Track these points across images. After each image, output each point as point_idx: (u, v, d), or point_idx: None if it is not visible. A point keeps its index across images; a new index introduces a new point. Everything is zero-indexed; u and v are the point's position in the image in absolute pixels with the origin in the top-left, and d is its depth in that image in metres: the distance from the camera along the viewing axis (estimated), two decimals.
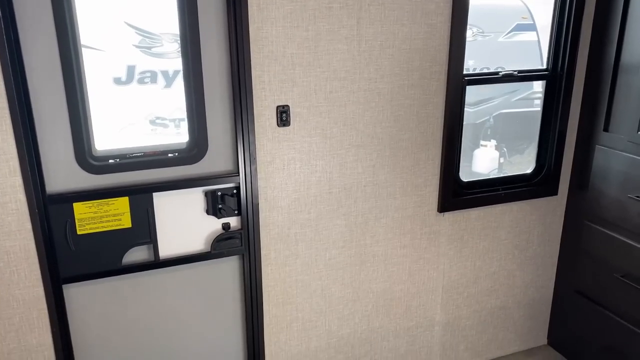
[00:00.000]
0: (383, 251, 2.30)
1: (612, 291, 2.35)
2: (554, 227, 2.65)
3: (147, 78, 2.82)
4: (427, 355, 2.58)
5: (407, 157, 2.21)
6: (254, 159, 1.97)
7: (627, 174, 2.21)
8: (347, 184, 2.15)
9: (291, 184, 2.06)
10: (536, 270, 2.69)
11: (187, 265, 2.02)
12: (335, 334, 2.34)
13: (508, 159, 5.21)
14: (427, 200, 2.31)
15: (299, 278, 2.19)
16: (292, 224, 2.11)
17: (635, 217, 2.19)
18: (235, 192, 2.01)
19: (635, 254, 2.21)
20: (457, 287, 2.53)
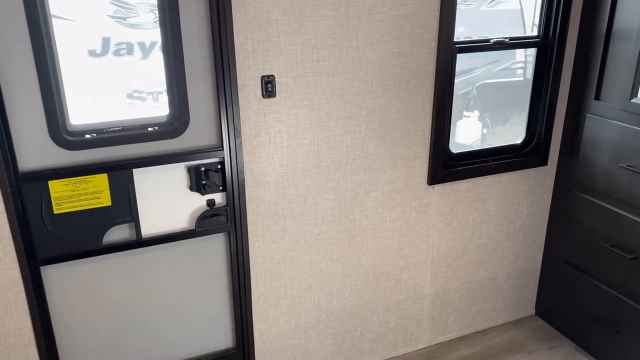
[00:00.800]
0: (372, 225, 2.26)
1: (601, 261, 2.35)
2: (543, 198, 2.63)
3: (123, 50, 2.70)
4: (416, 328, 2.57)
5: (397, 129, 2.15)
6: (239, 132, 1.89)
7: (618, 143, 2.18)
8: (336, 157, 2.08)
9: (278, 158, 1.99)
10: (525, 241, 2.68)
11: (171, 243, 1.95)
12: (324, 310, 2.31)
13: (491, 129, 5.19)
14: (417, 173, 2.26)
15: (287, 254, 2.14)
16: (280, 199, 2.05)
17: (625, 187, 2.17)
18: (219, 168, 1.93)
19: (625, 223, 2.19)
20: (447, 259, 2.51)
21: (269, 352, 2.26)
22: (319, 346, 2.36)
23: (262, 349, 2.24)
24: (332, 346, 2.39)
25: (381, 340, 2.50)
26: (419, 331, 2.58)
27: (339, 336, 2.39)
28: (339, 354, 2.42)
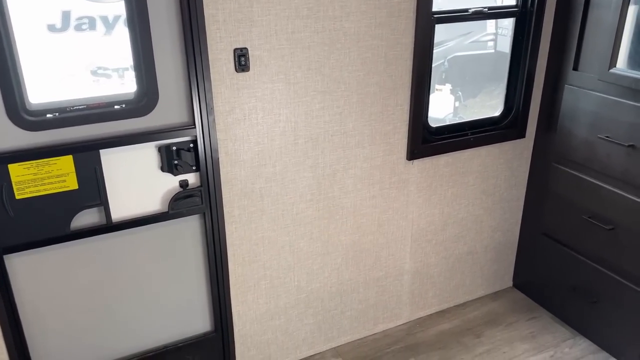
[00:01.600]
0: (352, 203, 2.21)
1: (579, 232, 2.36)
2: (521, 171, 2.62)
3: (84, 25, 2.55)
4: (396, 304, 2.55)
5: (376, 103, 2.08)
6: (211, 108, 1.80)
7: (597, 113, 2.16)
8: (314, 133, 2.01)
9: (253, 135, 1.91)
10: (503, 214, 2.68)
11: (143, 227, 1.86)
12: (304, 289, 2.26)
13: (463, 102, 5.18)
14: (396, 148, 2.21)
15: (265, 235, 2.08)
16: (256, 178, 1.97)
17: (604, 158, 2.16)
18: (192, 147, 1.84)
19: (603, 195, 2.20)
20: (426, 234, 2.49)
21: (249, 334, 2.21)
22: (299, 326, 2.32)
23: (242, 331, 2.19)
24: (313, 325, 2.36)
25: (362, 317, 2.48)
26: (399, 307, 2.57)
27: (320, 315, 2.35)
28: (319, 333, 2.39)
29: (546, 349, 2.42)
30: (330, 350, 2.43)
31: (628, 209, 2.10)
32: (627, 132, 2.04)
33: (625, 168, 2.08)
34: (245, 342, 2.22)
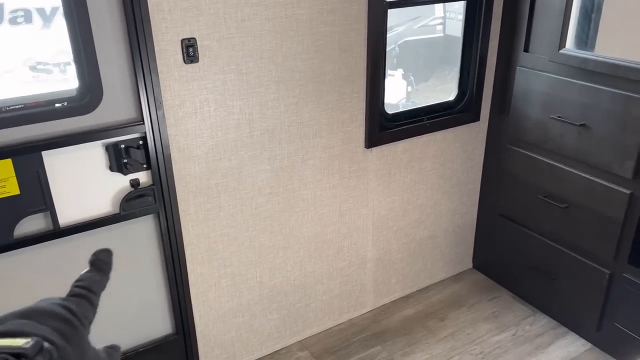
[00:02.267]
0: (312, 194, 2.17)
1: (535, 212, 2.40)
2: (477, 154, 2.65)
3: (20, 18, 2.40)
4: (360, 293, 2.54)
5: (332, 92, 2.04)
6: (160, 103, 1.71)
7: (548, 94, 2.19)
8: (270, 125, 1.95)
9: (206, 129, 1.83)
10: (461, 197, 2.70)
11: (94, 230, 1.76)
12: (267, 285, 2.22)
13: (415, 87, 5.21)
14: (354, 137, 2.18)
15: (224, 232, 2.01)
16: (212, 174, 1.90)
17: (556, 138, 2.20)
18: (141, 144, 1.75)
19: (557, 174, 2.24)
20: (387, 221, 2.48)
21: (212, 334, 2.15)
22: (264, 322, 2.27)
23: (204, 331, 2.13)
24: (278, 320, 2.32)
25: (326, 308, 2.46)
26: (363, 295, 2.56)
27: (284, 309, 2.31)
28: (285, 328, 2.35)
29: (508, 328, 2.46)
30: (297, 344, 2.40)
31: (581, 186, 2.15)
32: (578, 111, 2.08)
33: (577, 147, 2.12)
34: (209, 342, 2.16)
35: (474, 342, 2.39)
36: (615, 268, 2.12)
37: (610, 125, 1.98)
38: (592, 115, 2.03)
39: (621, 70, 1.91)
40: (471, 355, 2.31)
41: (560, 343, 2.36)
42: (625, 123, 1.93)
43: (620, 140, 1.96)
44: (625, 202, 2.00)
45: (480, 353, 2.32)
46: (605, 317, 2.22)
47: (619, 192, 2.02)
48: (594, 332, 2.30)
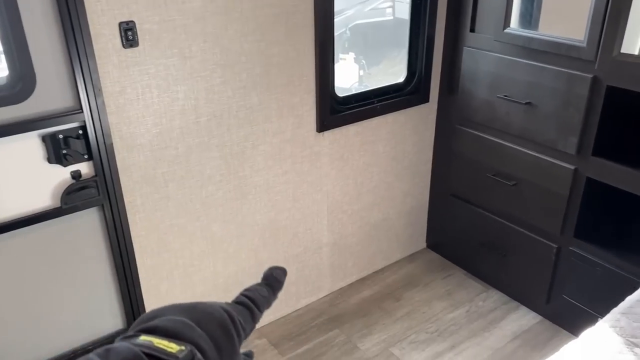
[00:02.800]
0: (264, 180, 2.13)
1: (485, 190, 2.44)
2: (427, 135, 2.67)
3: None
4: (317, 278, 2.54)
5: (280, 75, 2.00)
6: (99, 90, 1.63)
7: (495, 74, 2.22)
8: (217, 110, 1.89)
9: (150, 116, 1.76)
10: (413, 179, 2.72)
11: (34, 226, 1.67)
12: (221, 274, 2.17)
13: (367, 70, 5.21)
14: (305, 121, 2.15)
15: (173, 222, 1.95)
16: (158, 162, 1.83)
17: (503, 117, 2.24)
18: (81, 133, 1.66)
19: (505, 152, 2.28)
20: (341, 206, 2.47)
21: None
22: None
23: None
24: None
25: (283, 295, 2.42)
26: (320, 280, 2.55)
27: None
28: None
29: (462, 305, 2.51)
30: (254, 332, 2.37)
31: (528, 164, 2.20)
32: (524, 90, 2.12)
33: (523, 125, 2.17)
34: None
35: (429, 320, 2.42)
36: (562, 242, 2.19)
37: (555, 103, 2.03)
38: (537, 93, 2.07)
39: (563, 49, 1.95)
40: (427, 333, 2.34)
41: (512, 317, 2.42)
42: (568, 100, 1.98)
43: (564, 117, 2.01)
44: (570, 177, 2.06)
45: (436, 330, 2.36)
46: (554, 290, 2.30)
47: (564, 168, 2.07)
48: (543, 305, 2.37)
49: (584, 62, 1.91)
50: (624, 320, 1.17)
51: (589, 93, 1.91)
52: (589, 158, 1.99)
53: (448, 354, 2.23)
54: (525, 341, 2.29)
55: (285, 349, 2.28)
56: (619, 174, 1.92)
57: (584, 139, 1.98)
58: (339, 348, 2.28)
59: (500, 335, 2.32)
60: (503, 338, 2.31)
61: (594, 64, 1.89)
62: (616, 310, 1.22)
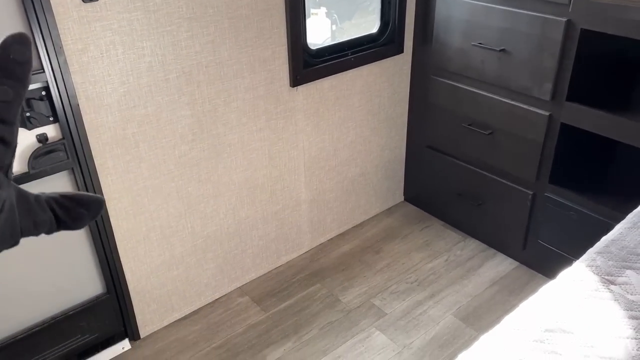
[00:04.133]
0: (239, 138, 2.09)
1: (460, 141, 2.45)
2: (403, 87, 2.64)
3: None
4: (297, 235, 2.54)
5: (250, 28, 1.93)
6: (60, 48, 1.55)
7: (469, 21, 2.19)
8: (186, 66, 1.83)
9: (116, 74, 1.69)
10: (389, 132, 2.71)
11: None
12: (200, 235, 2.15)
13: (339, 25, 5.11)
14: (278, 75, 2.10)
15: (147, 184, 1.91)
16: (127, 123, 1.78)
17: (478, 65, 2.22)
18: (44, 94, 1.59)
19: (480, 101, 2.27)
20: (318, 162, 2.45)
21: (146, 289, 2.09)
22: (199, 272, 2.23)
23: (137, 287, 2.05)
24: (215, 269, 2.27)
25: (264, 253, 2.44)
26: (299, 237, 2.56)
27: (220, 258, 2.27)
28: (222, 276, 2.32)
29: (440, 255, 2.55)
30: (236, 291, 2.38)
31: (503, 112, 2.20)
32: (498, 36, 2.09)
33: (498, 73, 2.15)
34: (144, 298, 2.09)
35: (408, 270, 2.46)
36: (538, 188, 2.22)
37: (529, 49, 2.01)
38: (511, 39, 2.05)
39: None
40: (407, 283, 2.38)
41: (490, 264, 2.48)
42: (542, 45, 1.96)
43: (539, 63, 1.99)
44: (544, 123, 2.07)
45: (416, 280, 2.40)
46: (530, 235, 2.34)
47: (538, 115, 2.08)
48: (520, 251, 2.42)
49: (558, 5, 1.89)
50: (600, 260, 1.20)
51: (563, 37, 1.90)
52: (563, 103, 1.99)
53: (428, 302, 2.28)
54: (503, 287, 2.35)
55: (267, 305, 2.30)
56: (594, 118, 1.93)
57: (559, 84, 1.98)
58: (321, 302, 2.31)
59: (478, 282, 2.37)
60: (481, 285, 2.36)
61: (567, 7, 1.86)
62: (592, 250, 1.24)
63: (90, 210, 0.44)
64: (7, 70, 0.36)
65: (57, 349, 1.91)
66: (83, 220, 0.44)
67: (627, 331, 1.03)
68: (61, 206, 0.43)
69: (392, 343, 2.09)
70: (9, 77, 0.36)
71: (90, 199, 0.43)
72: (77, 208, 0.43)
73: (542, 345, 1.02)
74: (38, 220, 0.41)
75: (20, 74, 0.37)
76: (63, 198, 0.43)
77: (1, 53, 0.36)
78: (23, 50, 0.36)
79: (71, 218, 0.43)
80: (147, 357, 2.07)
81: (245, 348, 2.10)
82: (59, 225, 0.43)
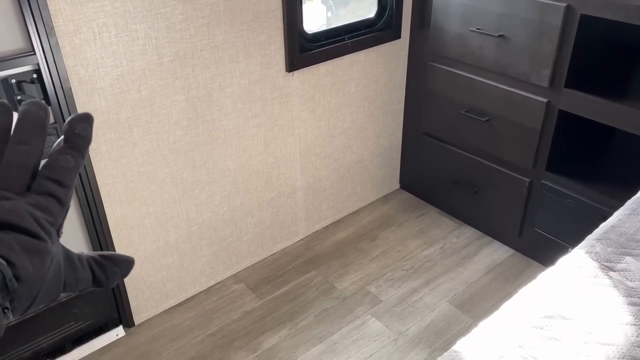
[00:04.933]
0: (234, 124, 2.06)
1: (457, 128, 2.43)
2: (399, 73, 2.61)
3: None
4: (292, 222, 2.52)
5: (245, 11, 1.90)
6: (52, 29, 1.51)
7: (467, 6, 2.16)
8: (180, 50, 1.80)
9: (109, 57, 1.66)
10: (386, 119, 2.69)
11: None
12: (195, 221, 2.13)
13: (335, 12, 5.06)
14: (274, 60, 2.07)
15: (141, 170, 1.88)
16: (121, 107, 1.75)
17: (476, 50, 2.19)
18: (35, 77, 1.56)
19: (478, 88, 2.26)
20: (314, 148, 2.43)
21: (140, 277, 2.07)
22: (194, 259, 2.21)
23: (131, 274, 2.03)
24: (210, 256, 2.26)
25: (259, 240, 2.42)
26: (295, 224, 2.54)
27: (215, 245, 2.25)
28: (217, 263, 2.30)
29: (436, 242, 2.55)
30: (231, 278, 2.37)
31: (501, 98, 2.18)
32: (497, 22, 2.07)
33: (496, 59, 2.13)
34: (138, 285, 2.07)
35: (404, 258, 2.45)
36: (534, 176, 2.21)
37: (528, 34, 1.99)
38: (510, 25, 2.03)
39: None
40: (403, 271, 2.38)
41: (485, 251, 2.47)
42: (541, 31, 1.94)
43: (537, 49, 1.98)
44: (542, 110, 2.05)
45: (411, 268, 2.39)
46: (526, 223, 2.34)
47: (536, 101, 2.06)
48: (515, 238, 2.42)
49: None
50: (599, 246, 1.19)
51: (563, 23, 1.88)
52: (561, 90, 1.98)
53: (424, 290, 2.27)
54: (499, 274, 2.35)
55: (263, 292, 2.29)
56: (591, 105, 1.92)
57: (557, 70, 1.97)
58: (316, 289, 2.30)
59: (474, 270, 2.37)
60: (477, 272, 2.36)
61: None
62: (591, 236, 1.23)
63: (122, 269, 0.48)
64: (71, 142, 0.42)
65: (50, 336, 1.90)
66: (116, 279, 0.47)
67: (627, 317, 1.03)
68: (99, 265, 0.46)
69: (387, 330, 2.09)
70: (72, 148, 0.42)
71: (122, 258, 0.48)
72: (112, 267, 0.47)
73: (542, 331, 1.01)
74: (79, 277, 0.44)
75: (82, 146, 0.43)
76: (101, 257, 0.46)
77: (68, 128, 0.43)
78: (86, 127, 0.43)
79: (106, 276, 0.46)
80: (142, 344, 2.06)
81: (241, 335, 2.09)
82: (94, 282, 0.46)
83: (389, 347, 2.02)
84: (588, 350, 0.97)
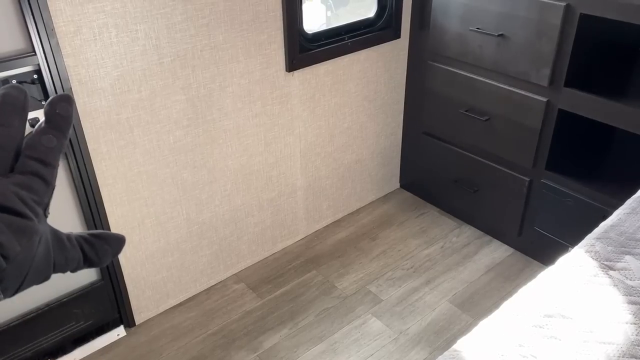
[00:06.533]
0: (234, 124, 2.06)
1: (457, 127, 2.43)
2: (399, 72, 2.62)
3: None
4: (292, 221, 2.53)
5: (245, 11, 1.90)
6: (52, 30, 1.52)
7: (467, 5, 2.16)
8: (180, 50, 1.80)
9: (109, 58, 1.66)
10: (386, 118, 2.69)
11: None
12: (195, 221, 2.14)
13: (335, 12, 5.06)
14: (274, 60, 2.07)
15: (142, 169, 1.89)
16: (121, 107, 1.75)
17: (476, 50, 2.20)
18: (36, 78, 1.56)
19: (478, 87, 2.26)
20: (314, 148, 2.43)
21: (141, 276, 2.07)
22: (195, 259, 2.21)
23: (132, 274, 2.04)
24: (210, 256, 2.26)
25: (259, 240, 2.42)
26: (295, 224, 2.55)
27: (216, 245, 2.26)
28: (218, 262, 2.30)
29: (436, 241, 2.55)
30: (232, 277, 2.37)
31: (500, 98, 2.18)
32: (496, 21, 2.07)
33: (496, 58, 2.13)
34: (139, 285, 2.08)
35: (404, 257, 2.46)
36: (534, 175, 2.21)
37: (527, 34, 1.99)
38: (510, 24, 2.03)
39: None
40: (403, 270, 2.38)
41: (485, 251, 2.48)
42: (541, 30, 1.94)
43: (537, 48, 1.98)
44: (542, 110, 2.06)
45: (412, 267, 2.40)
46: (526, 222, 2.34)
47: (536, 101, 2.06)
48: (515, 238, 2.42)
49: None
50: (599, 245, 1.19)
51: (562, 22, 1.88)
52: (561, 89, 1.98)
53: (424, 289, 2.28)
54: (499, 273, 2.35)
55: (263, 292, 2.29)
56: (591, 104, 1.92)
57: (557, 70, 1.97)
58: (317, 288, 2.30)
59: (474, 269, 2.37)
60: (477, 271, 2.36)
61: None
62: (591, 235, 1.23)
63: (113, 247, 0.48)
64: (53, 122, 0.43)
65: (51, 336, 1.90)
66: (107, 257, 0.47)
67: (627, 316, 1.03)
68: (89, 244, 0.46)
69: (388, 329, 2.09)
70: (53, 128, 0.43)
71: (112, 236, 0.48)
72: (103, 245, 0.47)
73: (542, 330, 1.02)
74: (69, 256, 0.44)
75: (63, 126, 0.44)
76: (90, 236, 0.46)
77: (49, 108, 0.43)
78: (67, 107, 0.44)
79: (97, 255, 0.46)
80: (143, 344, 2.07)
81: (241, 334, 2.09)
82: (85, 261, 0.46)
83: (390, 347, 2.02)
84: (588, 349, 0.98)
